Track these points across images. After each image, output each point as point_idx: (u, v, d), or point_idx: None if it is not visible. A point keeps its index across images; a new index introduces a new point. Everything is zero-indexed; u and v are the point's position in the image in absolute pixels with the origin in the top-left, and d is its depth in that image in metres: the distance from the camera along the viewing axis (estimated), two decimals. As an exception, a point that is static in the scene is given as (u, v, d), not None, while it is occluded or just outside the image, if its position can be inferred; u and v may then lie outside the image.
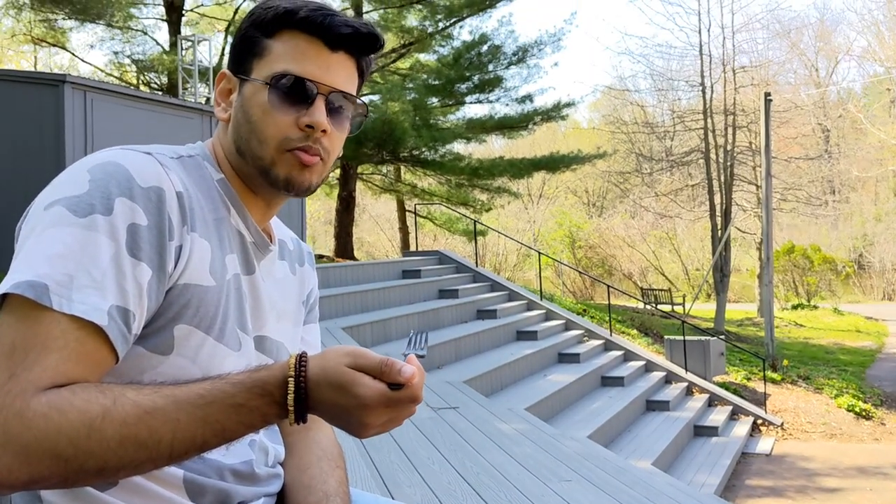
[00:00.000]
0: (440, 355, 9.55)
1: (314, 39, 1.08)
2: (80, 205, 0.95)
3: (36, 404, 0.87)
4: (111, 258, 0.94)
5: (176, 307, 1.01)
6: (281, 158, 1.07)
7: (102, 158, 1.00)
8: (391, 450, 4.57)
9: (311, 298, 1.34)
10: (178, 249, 1.00)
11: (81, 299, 0.91)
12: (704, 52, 23.72)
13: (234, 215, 1.12)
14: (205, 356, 1.04)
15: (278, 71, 1.06)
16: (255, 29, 1.10)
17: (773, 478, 10.42)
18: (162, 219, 0.98)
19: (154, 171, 1.00)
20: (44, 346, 0.90)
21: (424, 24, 19.57)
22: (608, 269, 35.50)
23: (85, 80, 11.02)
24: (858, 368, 17.45)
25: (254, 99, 1.08)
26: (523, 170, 20.19)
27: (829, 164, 29.40)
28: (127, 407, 0.89)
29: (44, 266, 0.91)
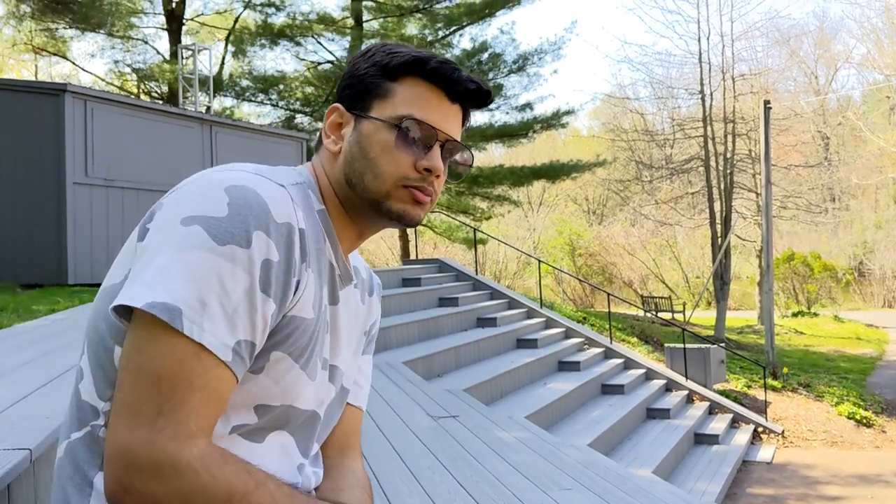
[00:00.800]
0: (440, 363, 9.54)
1: (438, 90, 1.13)
2: (219, 231, 0.97)
3: (189, 455, 0.93)
4: (245, 292, 0.97)
5: (279, 336, 1.05)
6: (397, 193, 1.12)
7: (238, 180, 1.02)
8: (391, 459, 4.57)
9: (373, 330, 1.38)
10: (296, 284, 1.04)
11: (213, 331, 0.95)
12: (704, 60, 23.76)
13: (328, 247, 1.15)
14: (288, 382, 1.08)
15: (404, 114, 1.11)
16: (377, 70, 1.14)
17: (773, 486, 10.40)
18: (291, 256, 1.02)
19: (287, 206, 1.03)
20: (188, 383, 0.94)
21: (424, 32, 19.63)
22: (608, 276, 35.50)
23: (85, 90, 11.04)
24: (859, 376, 17.42)
25: (374, 136, 1.12)
26: (523, 178, 20.22)
27: (829, 171, 29.39)
28: (265, 497, 0.95)
29: (180, 289, 0.94)
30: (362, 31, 19.48)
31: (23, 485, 1.97)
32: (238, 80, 21.11)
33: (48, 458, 2.21)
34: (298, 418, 1.13)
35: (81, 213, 10.15)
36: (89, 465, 1.03)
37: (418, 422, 5.87)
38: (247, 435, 1.06)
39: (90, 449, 1.03)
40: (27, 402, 2.82)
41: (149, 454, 0.92)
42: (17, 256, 10.13)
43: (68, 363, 3.86)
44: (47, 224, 10.06)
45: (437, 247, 29.72)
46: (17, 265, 10.08)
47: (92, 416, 1.04)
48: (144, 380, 0.94)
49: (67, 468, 1.05)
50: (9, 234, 10.26)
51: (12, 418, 2.56)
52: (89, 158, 10.33)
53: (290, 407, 1.10)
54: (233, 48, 21.26)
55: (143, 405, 0.93)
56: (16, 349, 4.75)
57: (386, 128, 1.11)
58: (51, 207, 10.06)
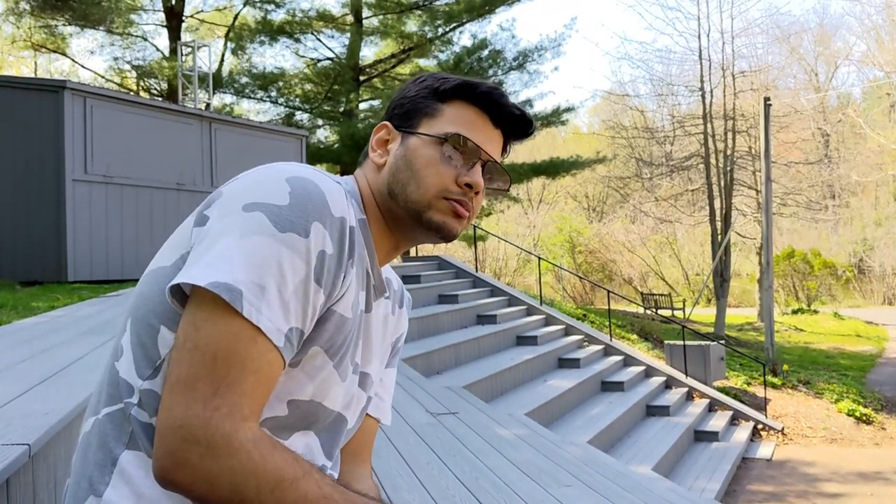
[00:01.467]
0: (440, 361, 9.55)
1: (483, 114, 1.20)
2: (280, 218, 1.00)
3: (243, 436, 0.95)
4: (301, 281, 1.00)
5: (319, 329, 1.07)
6: (437, 204, 1.15)
7: (300, 172, 1.06)
8: (390, 454, 4.57)
9: (399, 343, 1.40)
10: (343, 279, 1.07)
11: (269, 315, 0.97)
12: (704, 56, 23.75)
13: (365, 256, 1.17)
14: (321, 378, 1.10)
15: (452, 131, 1.16)
16: (428, 93, 1.19)
17: (773, 483, 10.41)
18: (343, 249, 1.06)
19: (342, 201, 1.07)
20: (243, 365, 0.96)
21: (424, 29, 19.62)
22: (608, 273, 35.50)
23: (84, 87, 11.03)
24: (859, 373, 17.43)
25: (420, 150, 1.16)
26: (523, 174, 20.22)
27: (829, 168, 29.39)
28: (311, 485, 0.97)
29: (241, 272, 0.97)
30: (362, 27, 19.46)
31: (21, 480, 1.98)
32: (237, 77, 21.10)
33: (46, 453, 2.21)
34: (326, 418, 1.15)
35: (81, 210, 10.14)
36: (116, 441, 1.04)
37: (417, 418, 5.87)
38: (273, 430, 1.07)
39: (119, 426, 1.05)
40: (25, 398, 2.82)
41: (205, 431, 0.93)
42: (16, 253, 10.14)
43: (67, 360, 3.86)
44: (47, 221, 10.05)
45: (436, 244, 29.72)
46: (17, 262, 10.08)
47: (127, 393, 1.06)
48: (200, 357, 0.96)
49: (93, 443, 1.06)
50: (8, 231, 10.26)
51: (10, 414, 2.56)
52: (89, 155, 10.32)
53: (319, 405, 1.12)
54: (232, 45, 21.26)
55: (198, 382, 0.95)
56: (15, 346, 4.75)
57: (433, 143, 1.16)
58: (50, 204, 10.05)
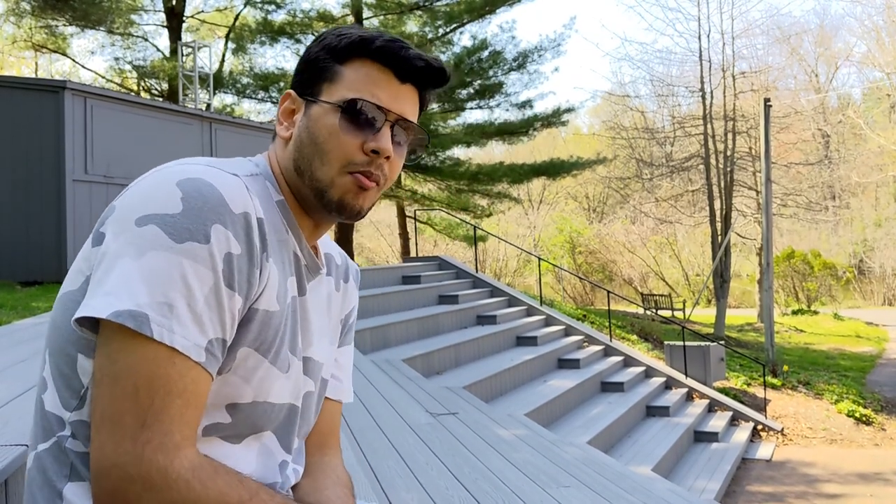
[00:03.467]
0: (440, 361, 9.55)
1: (386, 70, 1.10)
2: (175, 228, 0.94)
3: (179, 466, 0.91)
4: (211, 289, 0.95)
5: (243, 330, 1.02)
6: (340, 180, 1.08)
7: (191, 174, 0.99)
8: (389, 455, 4.57)
9: (351, 318, 1.34)
10: (259, 275, 1.02)
11: (183, 333, 0.93)
12: (704, 57, 23.74)
13: (291, 236, 1.12)
14: (258, 378, 1.05)
15: (350, 96, 1.08)
16: (326, 54, 1.11)
17: (773, 483, 10.40)
18: (252, 246, 1.00)
19: (242, 195, 1.01)
20: (167, 390, 0.92)
21: (424, 30, 19.62)
22: (608, 274, 35.49)
23: (85, 87, 11.04)
24: (859, 374, 17.42)
25: (322, 121, 1.09)
26: (523, 175, 20.23)
27: (829, 169, 29.36)
28: None
29: (143, 294, 0.92)
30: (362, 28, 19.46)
31: (19, 480, 1.98)
32: (238, 78, 21.10)
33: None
34: (277, 414, 1.10)
35: (81, 210, 10.14)
36: (58, 476, 1.01)
37: (417, 419, 5.87)
38: (225, 437, 1.04)
39: (58, 460, 1.01)
40: (25, 398, 2.83)
41: (139, 468, 0.90)
42: (16, 254, 10.14)
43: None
44: (47, 221, 10.06)
45: (437, 244, 29.73)
46: (17, 262, 10.08)
47: (58, 426, 1.02)
48: (121, 391, 0.91)
49: (37, 479, 1.03)
50: (8, 231, 10.26)
51: (9, 414, 2.57)
52: (89, 156, 10.32)
53: (265, 403, 1.07)
54: (233, 45, 21.25)
55: (124, 417, 0.91)
56: (14, 346, 4.75)
57: (333, 111, 1.08)
58: (50, 205, 10.06)
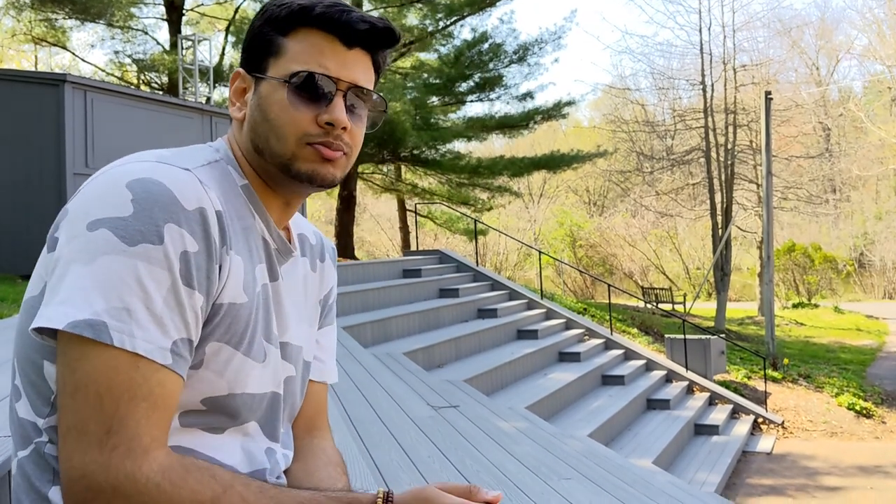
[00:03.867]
0: (441, 354, 9.55)
1: (330, 37, 1.06)
2: (128, 231, 0.92)
3: (148, 470, 0.90)
4: (169, 290, 0.93)
5: (210, 326, 1.00)
6: (302, 152, 1.06)
7: (140, 173, 0.96)
8: (391, 447, 4.57)
9: (330, 298, 1.32)
10: (219, 270, 1.00)
11: (144, 337, 0.91)
12: (705, 50, 23.71)
13: (258, 221, 1.10)
14: (232, 370, 1.03)
15: (296, 69, 1.05)
16: (269, 27, 1.08)
17: (773, 476, 10.42)
18: (209, 242, 0.97)
19: (195, 190, 0.98)
20: (131, 395, 0.90)
21: (425, 22, 19.57)
22: (609, 268, 35.50)
23: (85, 80, 11.02)
24: (859, 367, 17.44)
25: (272, 97, 1.06)
26: (524, 168, 20.19)
27: (830, 162, 29.36)
28: (234, 499, 0.92)
29: (99, 301, 0.90)
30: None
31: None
32: (238, 71, 21.05)
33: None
34: (258, 404, 1.09)
35: (81, 203, 10.13)
36: (41, 481, 1.00)
37: (418, 411, 5.87)
38: (206, 429, 1.03)
39: (38, 465, 1.00)
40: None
41: (107, 476, 0.88)
42: (16, 247, 10.13)
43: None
44: (47, 215, 10.05)
45: (437, 238, 29.73)
46: (17, 256, 10.08)
47: (34, 433, 1.01)
48: (84, 400, 0.90)
49: (22, 485, 1.02)
50: (8, 224, 10.26)
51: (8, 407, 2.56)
52: (89, 149, 10.31)
53: (243, 394, 1.05)
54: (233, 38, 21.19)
55: (88, 425, 0.89)
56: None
57: (280, 86, 1.05)
58: (51, 198, 10.05)
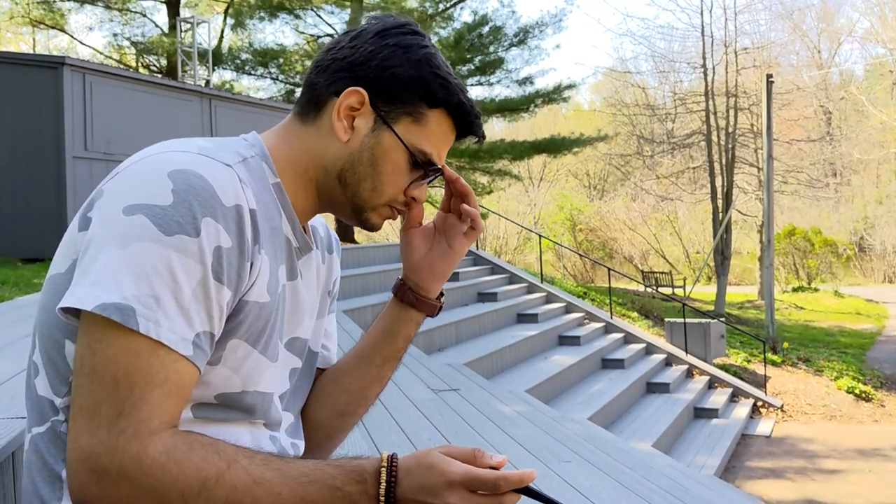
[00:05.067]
0: (441, 338, 9.57)
1: (454, 130, 1.14)
2: (165, 220, 0.92)
3: (153, 451, 0.89)
4: (199, 283, 0.93)
5: (233, 322, 1.00)
6: (381, 210, 1.13)
7: (182, 164, 0.96)
8: (392, 430, 4.59)
9: (334, 289, 1.33)
10: (250, 268, 1.00)
11: (170, 326, 0.91)
12: (706, 33, 23.61)
13: (284, 221, 1.10)
14: (248, 368, 1.04)
15: (425, 150, 1.10)
16: (419, 88, 1.08)
17: (772, 459, 10.47)
18: (243, 240, 0.98)
19: (234, 187, 0.98)
20: (147, 380, 0.91)
21: (425, 5, 19.48)
22: (609, 252, 35.50)
23: (84, 63, 10.97)
24: (859, 351, 17.48)
25: (390, 154, 1.09)
26: (524, 152, 20.19)
27: (831, 146, 29.28)
28: (239, 473, 0.92)
29: (130, 286, 0.90)
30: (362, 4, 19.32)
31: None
32: (237, 54, 20.98)
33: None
34: (268, 402, 1.10)
35: (81, 186, 10.12)
36: (55, 459, 1.00)
37: (419, 394, 5.89)
38: (217, 421, 1.03)
39: (54, 443, 1.00)
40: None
41: (112, 458, 0.88)
42: (17, 230, 10.13)
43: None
44: (47, 198, 10.04)
45: (437, 222, 29.68)
46: (18, 239, 10.08)
47: (51, 411, 1.01)
48: (100, 382, 0.90)
49: (35, 462, 1.02)
50: (9, 208, 10.24)
51: (14, 389, 2.57)
52: (88, 132, 10.28)
53: (254, 392, 1.06)
54: (232, 21, 21.11)
55: (101, 407, 0.89)
56: (17, 322, 4.76)
57: (405, 152, 1.10)
58: (50, 181, 10.03)
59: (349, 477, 0.95)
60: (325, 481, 0.94)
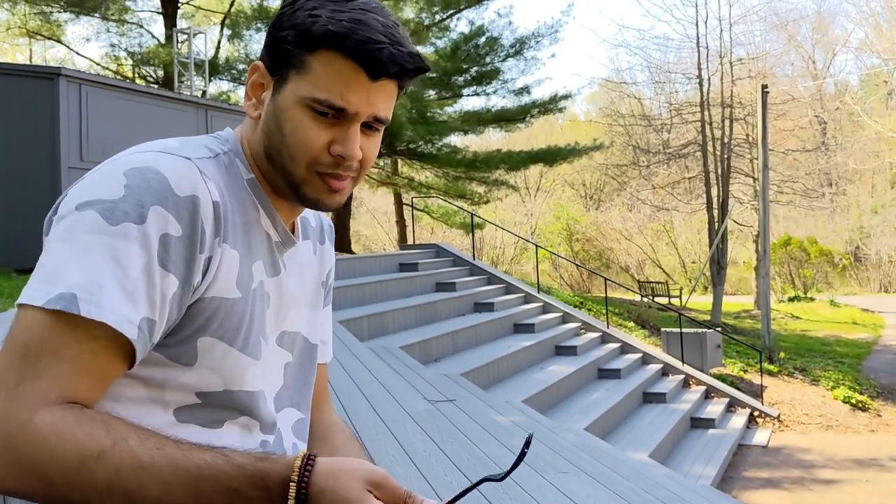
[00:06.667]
0: (438, 348, 9.55)
1: (358, 68, 1.00)
2: (113, 212, 0.92)
3: (39, 421, 0.87)
4: (143, 269, 0.92)
5: (200, 319, 0.99)
6: (311, 180, 1.04)
7: (141, 162, 0.96)
8: (388, 441, 4.57)
9: (330, 279, 1.30)
10: (207, 261, 0.98)
11: (113, 308, 0.90)
12: (702, 44, 23.71)
13: (263, 216, 1.08)
14: (228, 367, 1.02)
15: (318, 97, 1.00)
16: (294, 36, 1.02)
17: (769, 469, 10.45)
18: (195, 230, 0.96)
19: (191, 179, 0.97)
20: (56, 353, 0.89)
21: (421, 15, 19.53)
22: (605, 261, 35.51)
23: (80, 73, 10.98)
24: (855, 360, 17.49)
25: (289, 112, 1.02)
26: (520, 162, 20.20)
27: (826, 156, 29.39)
28: (124, 455, 0.88)
29: (75, 275, 0.90)
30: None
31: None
32: (234, 64, 20.99)
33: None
34: (256, 401, 1.06)
35: (77, 197, 10.11)
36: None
37: (415, 405, 5.87)
38: (203, 424, 1.01)
39: None
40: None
41: (3, 424, 0.86)
42: (11, 241, 10.11)
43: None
44: (42, 209, 9.98)
45: (434, 232, 29.71)
46: (12, 250, 10.05)
47: None
48: (12, 350, 0.90)
49: None
50: (3, 218, 10.22)
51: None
52: (84, 142, 10.28)
53: (239, 392, 1.03)
54: (228, 32, 21.14)
55: (6, 373, 0.89)
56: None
57: (299, 104, 1.02)
58: (45, 192, 10.02)
59: (250, 481, 0.89)
60: (221, 481, 0.89)
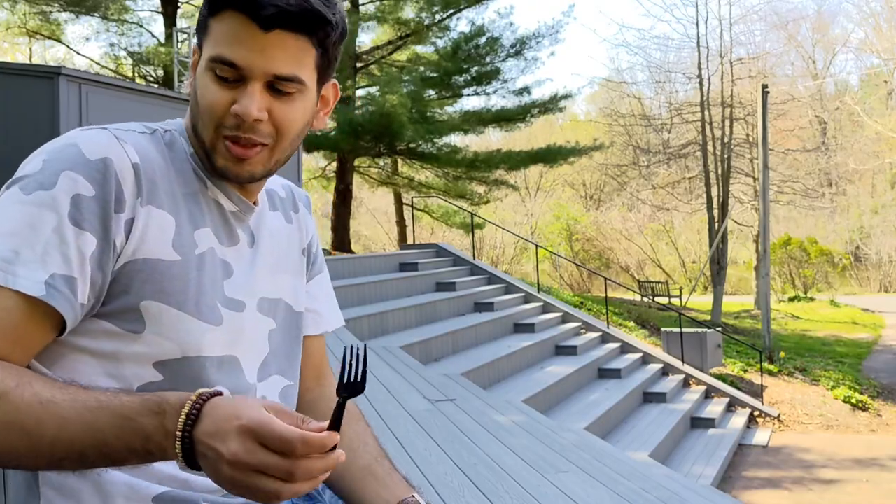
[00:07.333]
0: (438, 348, 9.55)
1: (247, 20, 1.00)
2: (29, 184, 0.97)
3: None
4: (53, 229, 0.95)
5: (137, 282, 1.00)
6: (218, 146, 1.05)
7: (63, 139, 1.02)
8: (388, 441, 4.57)
9: (314, 247, 1.30)
10: (128, 222, 0.99)
11: (25, 274, 0.93)
12: (702, 44, 23.71)
13: (211, 188, 1.10)
14: (182, 332, 1.01)
15: (214, 54, 1.02)
16: (204, 7, 1.05)
17: (770, 469, 10.45)
18: (108, 190, 0.98)
19: (104, 143, 1.00)
20: None
21: (421, 15, 19.51)
22: (605, 261, 35.50)
23: (80, 73, 10.97)
24: (855, 360, 17.48)
25: (201, 80, 1.05)
26: (520, 162, 20.19)
27: (826, 156, 29.39)
28: (25, 394, 0.88)
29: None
30: (359, 14, 19.36)
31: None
32: (233, 64, 20.98)
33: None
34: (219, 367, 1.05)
35: (77, 197, 10.12)
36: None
37: (415, 405, 5.87)
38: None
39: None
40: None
41: None
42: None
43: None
44: (43, 208, 10.03)
45: (434, 231, 29.70)
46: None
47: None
48: None
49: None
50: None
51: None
52: (84, 142, 10.29)
53: (198, 357, 1.03)
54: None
55: None
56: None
57: (205, 70, 1.04)
58: (46, 191, 10.03)
59: (145, 407, 0.86)
60: (115, 409, 0.87)
